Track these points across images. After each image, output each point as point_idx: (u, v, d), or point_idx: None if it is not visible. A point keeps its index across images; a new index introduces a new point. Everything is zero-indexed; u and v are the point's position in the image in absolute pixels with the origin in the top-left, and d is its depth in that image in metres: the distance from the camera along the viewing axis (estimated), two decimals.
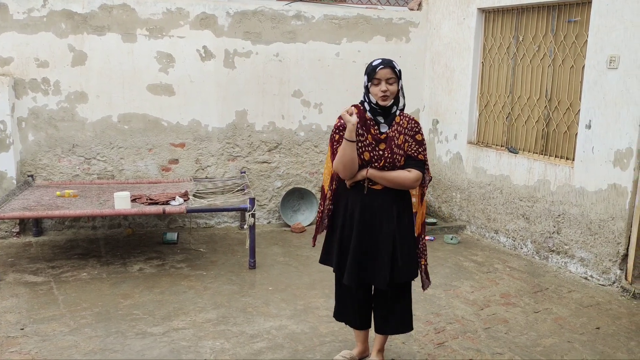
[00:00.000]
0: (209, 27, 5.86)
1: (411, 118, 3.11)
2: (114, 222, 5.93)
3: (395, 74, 2.98)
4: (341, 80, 6.36)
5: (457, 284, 4.74)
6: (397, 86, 3.00)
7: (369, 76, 3.00)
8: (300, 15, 6.12)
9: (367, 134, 3.04)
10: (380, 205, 3.08)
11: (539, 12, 5.29)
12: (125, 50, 5.68)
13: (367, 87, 3.04)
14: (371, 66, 3.01)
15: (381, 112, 3.04)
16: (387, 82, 2.97)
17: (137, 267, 4.93)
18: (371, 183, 3.07)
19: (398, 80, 3.01)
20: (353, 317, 3.35)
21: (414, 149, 3.05)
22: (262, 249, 5.47)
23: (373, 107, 3.03)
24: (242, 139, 6.17)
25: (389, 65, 2.97)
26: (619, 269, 4.59)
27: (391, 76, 2.97)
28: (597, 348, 3.69)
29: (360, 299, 3.30)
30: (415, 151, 3.05)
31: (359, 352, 3.44)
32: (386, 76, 2.96)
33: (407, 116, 3.10)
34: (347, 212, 3.15)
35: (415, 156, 3.04)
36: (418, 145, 3.05)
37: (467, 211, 6.17)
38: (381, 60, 3.00)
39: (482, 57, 5.95)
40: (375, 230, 3.10)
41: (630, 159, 4.43)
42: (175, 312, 4.08)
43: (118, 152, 5.84)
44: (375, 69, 2.97)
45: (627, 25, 4.37)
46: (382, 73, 2.96)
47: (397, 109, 3.07)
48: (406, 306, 3.29)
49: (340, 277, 3.23)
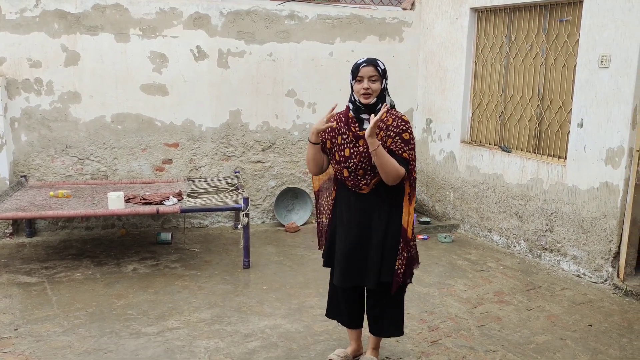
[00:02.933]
0: (203, 27, 5.86)
1: (399, 116, 3.05)
2: (108, 223, 5.92)
3: (378, 72, 2.99)
4: (335, 80, 6.37)
5: (450, 282, 4.75)
6: (380, 84, 3.00)
7: (353, 74, 3.03)
8: (293, 15, 6.13)
9: (349, 132, 3.07)
10: (369, 207, 3.10)
11: (531, 11, 5.32)
12: (119, 50, 5.67)
13: (352, 85, 3.07)
14: (355, 64, 3.04)
15: (365, 110, 3.03)
16: (370, 80, 2.98)
17: (131, 267, 4.92)
18: (358, 188, 3.09)
19: (381, 79, 3.01)
20: (345, 316, 3.37)
21: (399, 147, 3.00)
22: (256, 248, 5.48)
23: (357, 105, 3.05)
24: (236, 138, 6.17)
25: (371, 64, 2.99)
26: (611, 266, 4.62)
27: (374, 74, 2.98)
28: (589, 345, 3.71)
29: (352, 299, 3.31)
30: (400, 149, 2.99)
31: (353, 351, 3.44)
32: (368, 74, 2.98)
33: (395, 114, 3.06)
34: (340, 214, 3.19)
35: (400, 154, 2.99)
36: (404, 143, 3.00)
37: (461, 210, 6.19)
38: (365, 59, 3.03)
39: (475, 57, 5.97)
40: (364, 232, 3.11)
41: (622, 157, 4.46)
42: (169, 311, 4.08)
43: (111, 152, 5.82)
44: (359, 67, 3.00)
45: (618, 25, 4.40)
46: (365, 71, 2.98)
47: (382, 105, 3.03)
48: (397, 310, 3.29)
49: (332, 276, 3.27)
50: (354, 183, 3.09)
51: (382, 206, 3.09)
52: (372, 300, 3.26)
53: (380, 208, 3.09)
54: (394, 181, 2.97)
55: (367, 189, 3.07)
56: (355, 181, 3.08)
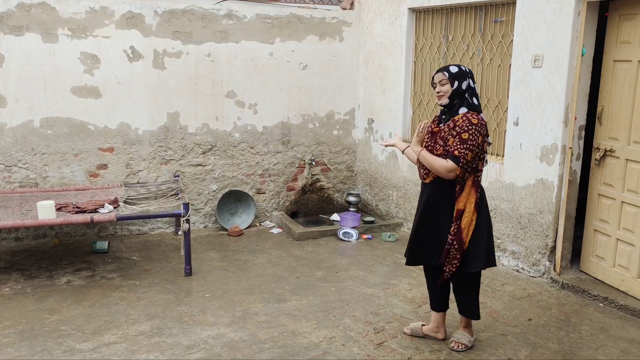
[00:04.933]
0: (136, 27, 5.65)
1: (469, 118, 3.35)
2: (39, 233, 5.62)
3: (446, 76, 3.40)
4: (276, 80, 6.29)
5: (395, 282, 4.77)
6: (450, 86, 3.39)
7: (432, 82, 3.51)
8: (231, 14, 6.00)
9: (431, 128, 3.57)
10: (430, 195, 3.51)
11: (467, 12, 5.41)
12: (46, 51, 5.38)
13: None
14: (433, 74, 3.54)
15: (445, 111, 3.48)
16: (440, 84, 3.42)
17: (65, 280, 4.68)
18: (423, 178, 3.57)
19: (451, 81, 3.38)
20: (430, 297, 3.78)
21: (454, 145, 3.33)
22: (198, 254, 5.33)
23: (440, 107, 3.53)
24: (175, 141, 5.99)
25: (440, 70, 3.45)
26: (548, 260, 4.76)
27: (442, 78, 3.41)
28: (529, 339, 3.80)
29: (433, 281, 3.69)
30: (453, 146, 3.33)
31: (429, 329, 3.78)
32: (439, 79, 3.43)
33: (466, 115, 3.37)
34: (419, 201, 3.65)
35: (452, 151, 3.32)
36: (460, 142, 3.31)
37: (404, 208, 6.24)
38: (439, 68, 3.50)
39: (415, 56, 6.03)
40: (426, 217, 3.53)
41: (556, 154, 4.59)
42: (106, 325, 3.89)
43: (41, 159, 5.53)
44: (433, 75, 3.48)
45: (549, 25, 4.52)
46: (436, 77, 3.45)
47: (459, 107, 3.39)
48: (469, 295, 3.61)
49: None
50: (421, 172, 3.58)
51: (441, 195, 3.47)
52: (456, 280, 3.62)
53: (439, 196, 3.47)
54: (445, 176, 3.37)
55: (428, 178, 3.51)
56: (422, 170, 3.56)
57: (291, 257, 5.35)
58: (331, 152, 6.79)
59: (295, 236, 5.88)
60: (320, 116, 6.63)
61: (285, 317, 4.08)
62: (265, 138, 6.38)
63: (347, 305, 4.29)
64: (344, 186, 6.97)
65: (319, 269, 5.06)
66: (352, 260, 5.32)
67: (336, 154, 6.83)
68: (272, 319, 4.03)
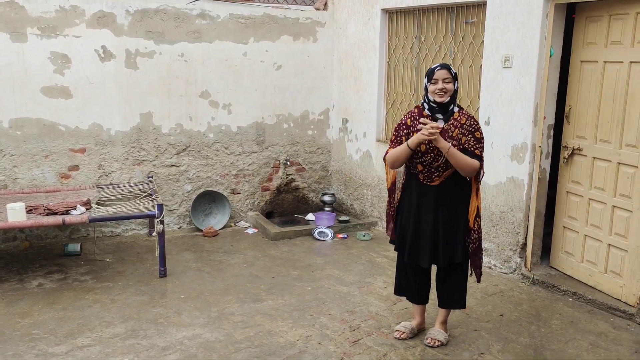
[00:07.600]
0: (108, 26, 5.58)
1: (470, 116, 3.42)
2: (9, 235, 5.51)
3: (451, 74, 3.37)
4: (249, 80, 6.28)
5: (370, 280, 4.81)
6: (453, 85, 3.38)
7: (428, 77, 3.41)
8: (205, 14, 5.97)
9: None
10: (437, 197, 3.49)
11: (439, 13, 5.48)
12: (15, 51, 5.28)
13: (426, 87, 3.45)
14: (430, 69, 3.44)
15: (439, 110, 3.41)
16: (444, 81, 3.35)
17: (36, 283, 4.61)
18: (429, 180, 3.48)
19: (454, 81, 3.39)
20: (413, 291, 3.76)
21: (472, 144, 3.37)
22: (173, 255, 5.30)
23: (431, 105, 3.43)
24: (148, 142, 5.93)
25: (445, 67, 3.39)
26: (519, 257, 4.85)
27: (447, 76, 3.36)
28: (501, 334, 3.88)
29: (420, 276, 3.71)
30: (473, 146, 3.37)
31: (417, 324, 3.83)
32: (443, 76, 3.36)
33: (466, 114, 3.43)
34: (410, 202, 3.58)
35: (472, 151, 3.36)
36: (476, 141, 3.38)
37: (378, 207, 6.30)
38: (439, 64, 3.44)
39: (388, 57, 6.09)
40: (433, 219, 3.50)
41: (526, 153, 4.69)
42: (79, 328, 3.84)
43: (10, 160, 5.42)
44: (434, 70, 3.40)
45: (519, 27, 4.62)
46: (439, 74, 3.37)
47: (454, 106, 3.43)
48: (455, 285, 3.67)
49: (401, 256, 3.69)
50: (427, 176, 3.48)
51: (450, 196, 3.49)
52: (443, 275, 3.67)
53: (448, 198, 3.49)
54: (471, 174, 3.40)
55: (438, 181, 3.46)
56: (428, 174, 3.47)
57: (267, 257, 5.35)
58: (306, 152, 6.81)
59: (271, 236, 5.89)
60: (295, 116, 6.64)
61: (261, 316, 4.08)
62: (239, 138, 6.37)
63: (323, 304, 4.32)
64: (319, 186, 6.99)
65: (295, 268, 5.07)
66: (328, 259, 5.34)
67: (311, 153, 6.85)
68: (248, 319, 4.04)
